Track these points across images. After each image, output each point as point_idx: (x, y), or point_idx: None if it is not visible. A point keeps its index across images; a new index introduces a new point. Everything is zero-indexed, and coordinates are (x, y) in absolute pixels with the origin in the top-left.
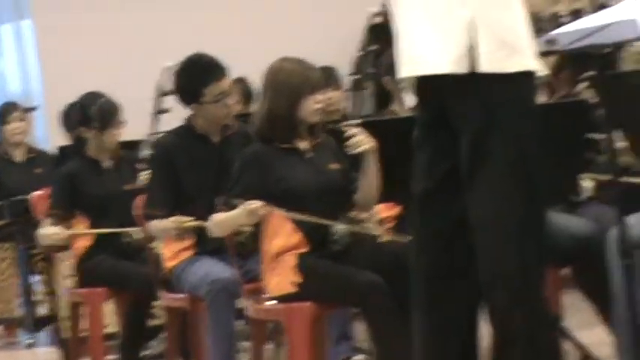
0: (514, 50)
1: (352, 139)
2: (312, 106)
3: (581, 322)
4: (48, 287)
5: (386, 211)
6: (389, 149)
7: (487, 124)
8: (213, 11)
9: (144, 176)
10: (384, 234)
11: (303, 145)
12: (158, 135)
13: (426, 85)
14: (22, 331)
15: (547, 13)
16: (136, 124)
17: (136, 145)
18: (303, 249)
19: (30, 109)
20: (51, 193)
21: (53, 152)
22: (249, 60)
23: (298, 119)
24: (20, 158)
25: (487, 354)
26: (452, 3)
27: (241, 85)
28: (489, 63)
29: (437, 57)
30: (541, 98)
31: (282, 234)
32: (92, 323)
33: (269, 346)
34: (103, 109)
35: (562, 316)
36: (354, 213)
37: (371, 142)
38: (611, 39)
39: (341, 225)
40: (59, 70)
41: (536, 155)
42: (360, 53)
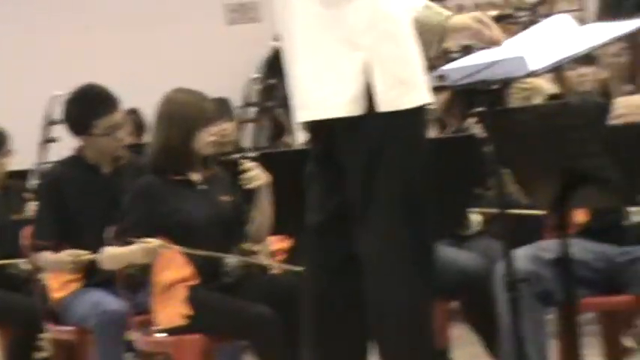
0: (409, 87)
1: (246, 173)
2: (206, 138)
3: (468, 355)
4: None
5: (278, 244)
6: (282, 181)
7: (374, 161)
8: (105, 39)
9: (32, 206)
10: (276, 266)
11: (196, 177)
12: (47, 164)
13: (318, 123)
14: None
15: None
16: (24, 154)
17: (24, 175)
18: (194, 281)
19: None
20: None
21: None
22: (141, 90)
23: (192, 151)
24: None
25: None
26: (344, 45)
27: (134, 116)
28: (385, 102)
29: (332, 100)
30: (432, 133)
31: (173, 266)
32: None
33: None
34: None
35: (450, 349)
36: (247, 245)
37: (264, 177)
38: (499, 75)
39: (233, 257)
40: None
41: (424, 191)
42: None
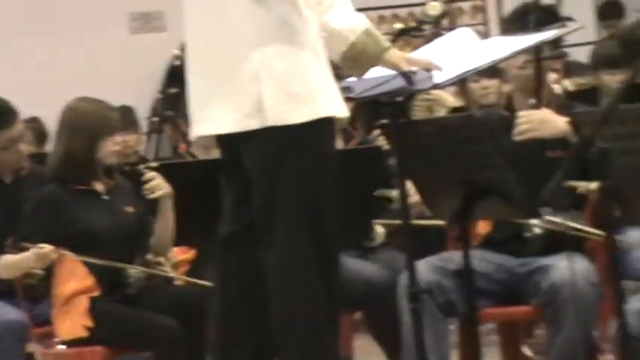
0: (302, 101)
1: (149, 184)
2: (109, 148)
3: None
4: None
5: (181, 255)
6: (184, 192)
7: (274, 175)
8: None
9: None
10: (179, 277)
11: (99, 187)
12: None
13: (223, 134)
14: None
15: None
16: None
17: None
18: (95, 292)
19: None
20: None
21: None
22: (43, 98)
23: (95, 160)
24: None
25: None
26: (236, 58)
27: (35, 125)
28: (277, 117)
29: (226, 115)
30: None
31: (74, 277)
32: None
33: None
34: None
35: None
36: (150, 256)
37: (167, 187)
38: (403, 87)
39: (135, 268)
40: None
41: (327, 204)
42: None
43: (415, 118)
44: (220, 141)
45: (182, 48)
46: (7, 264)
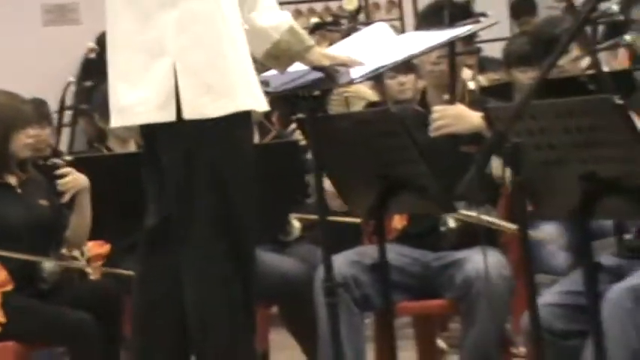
0: (220, 94)
1: (63, 179)
2: (23, 141)
3: None
4: None
5: (96, 249)
6: (99, 186)
7: (188, 170)
8: None
9: None
10: (95, 271)
11: (12, 180)
12: None
13: (143, 125)
14: None
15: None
16: None
17: None
18: (8, 287)
19: None
20: None
21: None
22: None
23: (9, 153)
24: None
25: None
26: (154, 50)
27: None
28: (193, 110)
29: (143, 106)
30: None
31: None
32: None
33: None
34: None
35: (269, 354)
36: (65, 250)
37: (82, 181)
38: (320, 82)
39: (50, 262)
40: None
41: (242, 199)
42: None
43: (332, 113)
44: (142, 130)
45: (98, 41)
46: None
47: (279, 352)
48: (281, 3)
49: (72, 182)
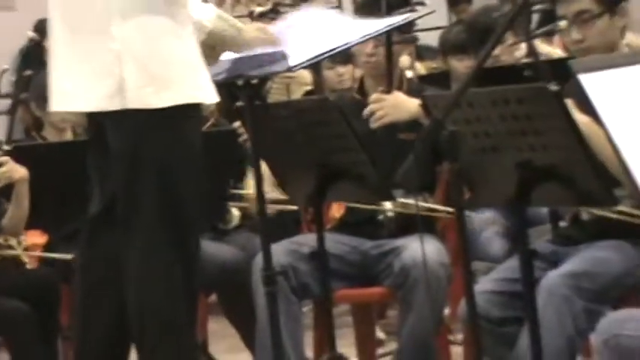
0: (164, 85)
1: (1, 168)
2: None
3: (226, 348)
4: None
5: (34, 238)
6: (37, 175)
7: (134, 160)
8: None
9: None
10: (31, 260)
11: None
12: None
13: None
14: None
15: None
16: None
17: None
18: None
19: None
20: None
21: None
22: None
23: None
24: None
25: None
26: (101, 37)
27: None
28: (138, 99)
29: (87, 93)
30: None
31: None
32: None
33: None
34: None
35: (208, 342)
36: (1, 239)
37: (19, 170)
38: (259, 70)
39: None
40: None
41: (187, 189)
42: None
43: (273, 100)
44: (88, 118)
45: (35, 28)
46: None
47: (218, 341)
48: None
49: (8, 172)
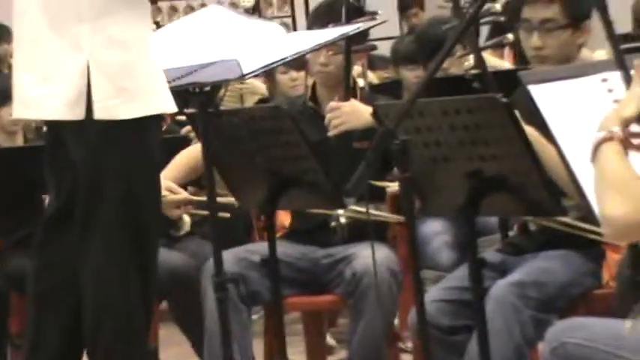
0: (133, 97)
1: None
2: None
3: (176, 355)
4: None
5: None
6: None
7: (95, 170)
8: None
9: None
10: None
11: None
12: None
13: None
14: None
15: None
16: None
17: None
18: None
19: None
20: None
21: None
22: None
23: None
24: None
25: None
26: (67, 46)
27: None
28: (106, 110)
29: (51, 101)
30: None
31: None
32: None
33: None
34: None
35: (159, 349)
36: None
37: None
38: (212, 78)
39: None
40: None
41: (148, 199)
42: None
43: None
44: (47, 124)
45: None
46: None
47: (168, 347)
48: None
49: None
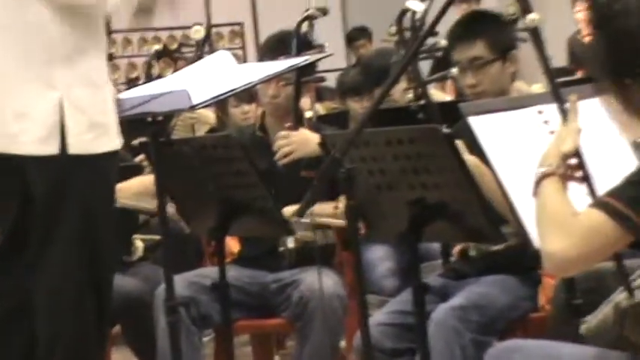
0: (103, 132)
1: None
2: None
3: None
4: None
5: None
6: None
7: (62, 202)
8: None
9: None
10: None
11: None
12: None
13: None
14: None
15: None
16: None
17: None
18: None
19: None
20: None
21: None
22: None
23: None
24: None
25: None
26: (41, 84)
27: None
28: (79, 145)
29: (27, 137)
30: None
31: None
32: None
33: None
34: None
35: None
36: None
37: None
38: (165, 107)
39: None
40: None
41: (106, 229)
42: None
43: (175, 137)
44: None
45: None
46: None
47: None
48: (127, 30)
49: None
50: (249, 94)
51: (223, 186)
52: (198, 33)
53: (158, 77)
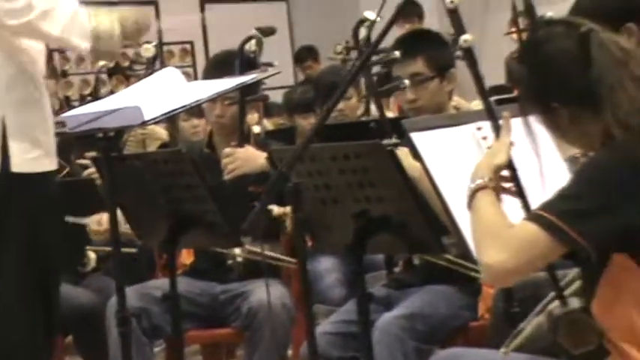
0: (46, 152)
1: None
2: None
3: None
4: None
5: None
6: None
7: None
8: None
9: None
10: None
11: None
12: None
13: None
14: None
15: (62, 96)
16: None
17: None
18: None
19: None
20: None
21: None
22: None
23: None
24: None
25: None
26: None
27: None
28: (24, 164)
29: None
30: None
31: None
32: None
33: None
34: None
35: None
36: None
37: None
38: (116, 123)
39: None
40: None
41: (51, 240)
42: None
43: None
44: None
45: None
46: None
47: None
48: None
49: None
50: (198, 109)
51: (174, 200)
52: (148, 51)
53: (111, 93)
